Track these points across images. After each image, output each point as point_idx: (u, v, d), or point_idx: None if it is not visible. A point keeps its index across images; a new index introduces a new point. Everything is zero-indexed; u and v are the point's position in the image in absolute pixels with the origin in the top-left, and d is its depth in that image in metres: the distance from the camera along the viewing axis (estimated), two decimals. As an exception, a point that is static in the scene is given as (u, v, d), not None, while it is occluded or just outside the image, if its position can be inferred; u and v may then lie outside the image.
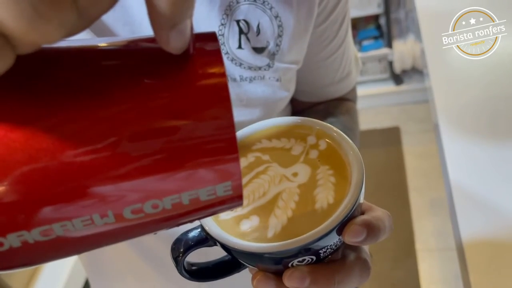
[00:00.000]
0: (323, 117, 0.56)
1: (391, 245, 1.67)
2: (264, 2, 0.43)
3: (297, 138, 0.33)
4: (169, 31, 0.17)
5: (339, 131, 0.32)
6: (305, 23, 0.46)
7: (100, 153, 0.17)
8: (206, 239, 0.30)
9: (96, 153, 0.17)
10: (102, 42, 0.20)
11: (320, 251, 0.28)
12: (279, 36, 0.45)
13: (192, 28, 0.18)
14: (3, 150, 0.16)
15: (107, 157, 0.17)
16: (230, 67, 0.44)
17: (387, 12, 2.09)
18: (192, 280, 0.34)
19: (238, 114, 0.45)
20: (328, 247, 0.29)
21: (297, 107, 0.60)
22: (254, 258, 0.29)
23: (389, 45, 2.17)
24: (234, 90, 0.45)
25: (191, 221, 0.22)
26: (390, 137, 2.15)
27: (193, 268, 0.34)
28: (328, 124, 0.33)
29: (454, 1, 0.85)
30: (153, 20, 0.17)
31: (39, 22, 0.14)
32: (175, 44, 0.17)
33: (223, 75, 0.19)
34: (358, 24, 2.27)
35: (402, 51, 2.17)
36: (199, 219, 0.23)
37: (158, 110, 0.18)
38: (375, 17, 2.25)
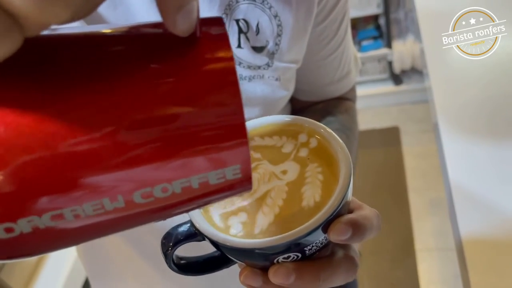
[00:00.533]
0: (322, 116, 0.56)
1: (390, 245, 1.67)
2: (263, 1, 0.43)
3: (288, 136, 0.34)
4: (176, 13, 0.17)
5: (329, 129, 0.33)
6: (304, 22, 0.46)
7: (110, 138, 0.17)
8: (195, 234, 0.31)
9: (107, 138, 0.17)
10: (108, 28, 0.20)
11: (305, 249, 0.29)
12: (278, 35, 0.45)
13: (198, 11, 0.18)
14: (13, 135, 0.16)
15: (118, 142, 0.17)
16: None
17: (386, 12, 2.09)
18: (181, 274, 0.35)
19: None
20: (314, 244, 0.29)
21: (296, 106, 0.60)
22: (240, 253, 0.29)
23: (389, 45, 2.17)
24: None
25: (200, 207, 0.22)
26: (389, 137, 2.15)
27: (182, 262, 0.35)
28: (319, 123, 0.33)
29: (454, 1, 0.85)
30: (160, 1, 0.16)
31: (46, 3, 0.14)
32: (182, 26, 0.17)
33: (231, 58, 0.19)
34: (357, 24, 2.27)
35: (401, 51, 2.17)
36: (208, 203, 0.23)
37: (167, 94, 0.18)
38: (375, 17, 2.26)
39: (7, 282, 1.37)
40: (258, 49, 0.45)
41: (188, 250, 0.33)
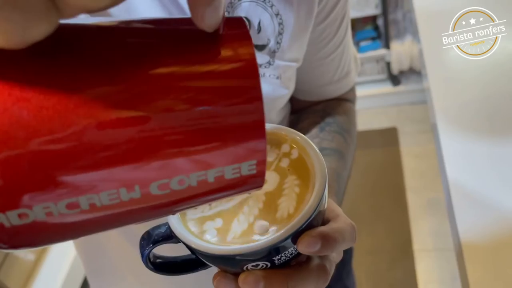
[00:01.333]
0: (321, 117, 0.56)
1: (389, 245, 1.67)
2: (265, 0, 0.43)
3: (272, 144, 0.34)
4: (205, 7, 0.17)
5: (310, 142, 0.33)
6: (305, 21, 0.47)
7: (133, 128, 0.17)
8: (171, 236, 0.31)
9: (130, 128, 0.17)
10: (126, 21, 0.20)
11: (274, 258, 0.29)
12: (280, 34, 0.45)
13: (224, 8, 0.18)
14: (34, 119, 0.16)
15: (142, 132, 0.17)
16: None
17: (384, 13, 2.10)
18: (157, 273, 0.35)
19: None
20: (283, 254, 0.29)
21: (296, 106, 0.60)
22: (210, 258, 0.30)
23: (387, 46, 2.18)
24: None
25: (211, 201, 0.22)
26: (388, 138, 2.15)
27: (158, 261, 0.35)
28: (298, 132, 0.34)
29: (454, 1, 0.85)
30: None
31: None
32: (210, 20, 0.18)
33: (253, 56, 0.19)
34: (356, 25, 2.28)
35: (399, 52, 2.17)
36: (218, 199, 0.23)
37: (192, 88, 0.18)
38: (373, 18, 2.26)
39: (4, 282, 1.36)
40: (259, 47, 0.45)
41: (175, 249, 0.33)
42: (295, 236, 0.28)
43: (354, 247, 0.74)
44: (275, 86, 0.47)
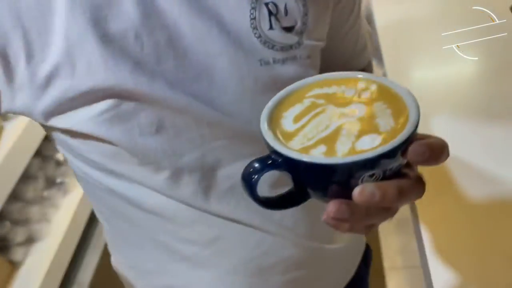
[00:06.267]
0: None
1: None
2: None
3: (347, 84, 0.35)
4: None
5: (384, 78, 0.34)
6: (326, 0, 0.51)
7: None
8: (276, 162, 0.32)
9: None
10: None
11: (386, 169, 0.30)
12: (305, 14, 0.48)
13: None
14: None
15: None
16: (263, 51, 0.46)
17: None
18: (262, 206, 0.35)
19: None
20: (391, 167, 0.30)
21: None
22: (325, 174, 0.31)
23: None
24: (268, 74, 0.47)
25: None
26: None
27: (262, 197, 0.35)
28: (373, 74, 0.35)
29: (454, 1, 0.87)
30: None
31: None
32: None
33: None
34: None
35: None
36: None
37: None
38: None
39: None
40: (288, 29, 0.47)
41: None
42: (405, 147, 0.29)
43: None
44: (306, 68, 0.49)
